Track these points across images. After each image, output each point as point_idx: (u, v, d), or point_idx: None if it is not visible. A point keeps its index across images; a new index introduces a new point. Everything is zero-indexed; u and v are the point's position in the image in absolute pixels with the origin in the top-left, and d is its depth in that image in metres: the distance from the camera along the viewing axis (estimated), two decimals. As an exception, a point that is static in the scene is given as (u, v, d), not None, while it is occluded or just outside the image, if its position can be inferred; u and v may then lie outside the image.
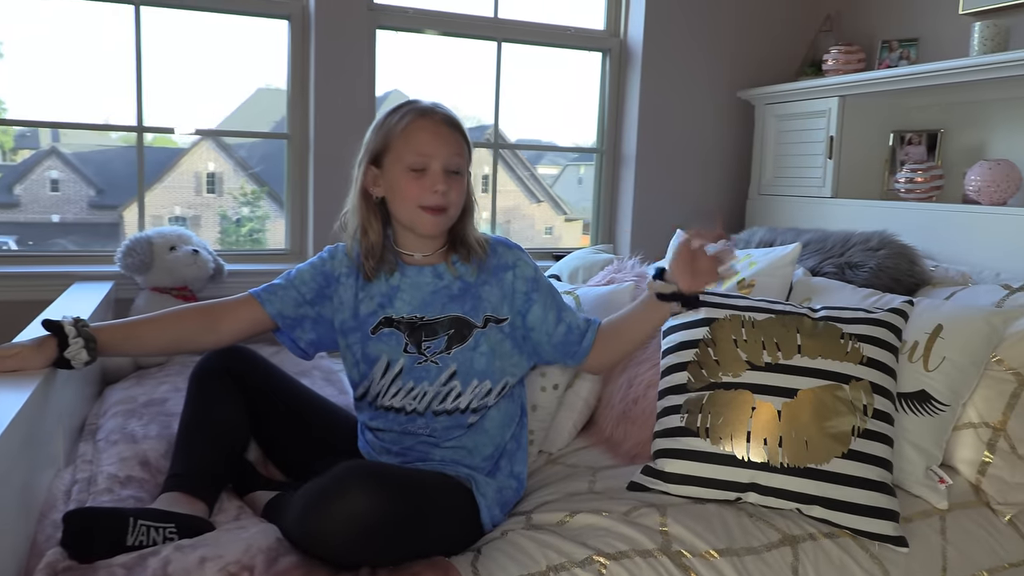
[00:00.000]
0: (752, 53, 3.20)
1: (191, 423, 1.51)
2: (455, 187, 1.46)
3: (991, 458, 1.61)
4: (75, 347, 1.37)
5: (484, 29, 2.98)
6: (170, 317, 1.51)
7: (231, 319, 1.53)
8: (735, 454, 1.45)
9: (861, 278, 1.97)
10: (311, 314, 1.56)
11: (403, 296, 1.51)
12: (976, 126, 2.61)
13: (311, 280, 1.57)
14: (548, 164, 3.38)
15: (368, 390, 1.54)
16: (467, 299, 1.51)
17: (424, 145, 1.44)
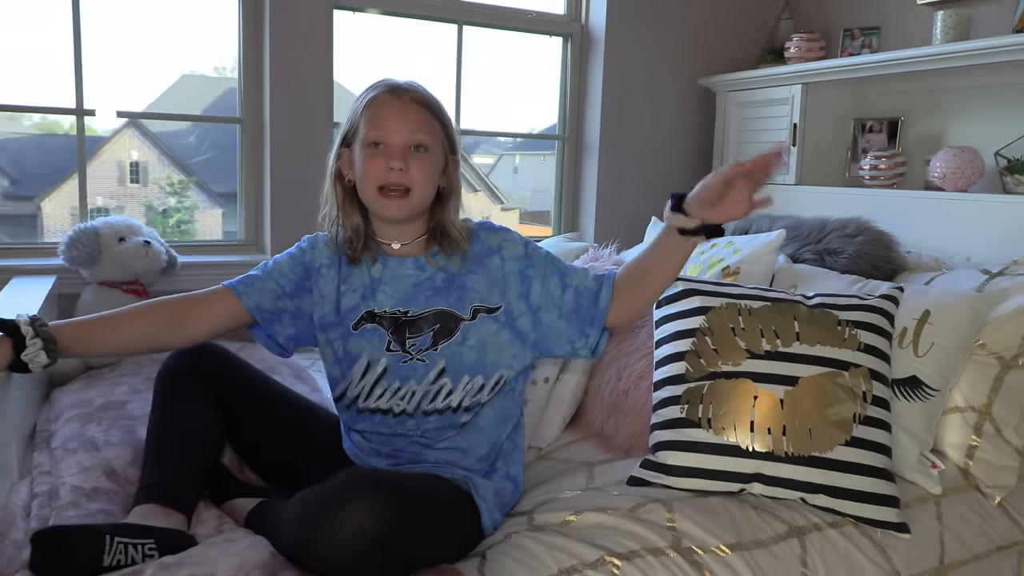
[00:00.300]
0: (712, 40, 3.19)
1: (161, 428, 1.40)
2: (417, 165, 1.35)
3: (978, 441, 1.62)
4: (33, 349, 1.25)
5: (444, 11, 2.89)
6: (136, 313, 1.39)
7: (204, 314, 1.42)
8: (739, 444, 1.41)
9: (841, 264, 1.96)
10: (290, 307, 1.46)
11: (385, 289, 1.42)
12: (935, 114, 2.65)
13: (290, 271, 1.47)
14: (484, 154, 3.31)
15: (346, 391, 1.45)
16: (452, 291, 1.42)
17: (383, 120, 1.35)
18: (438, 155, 1.40)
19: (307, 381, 1.99)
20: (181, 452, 1.37)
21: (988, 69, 2.34)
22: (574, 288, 1.44)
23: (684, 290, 1.61)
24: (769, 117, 2.91)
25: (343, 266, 1.46)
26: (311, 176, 2.57)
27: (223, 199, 2.74)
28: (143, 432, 1.57)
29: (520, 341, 1.44)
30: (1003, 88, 2.42)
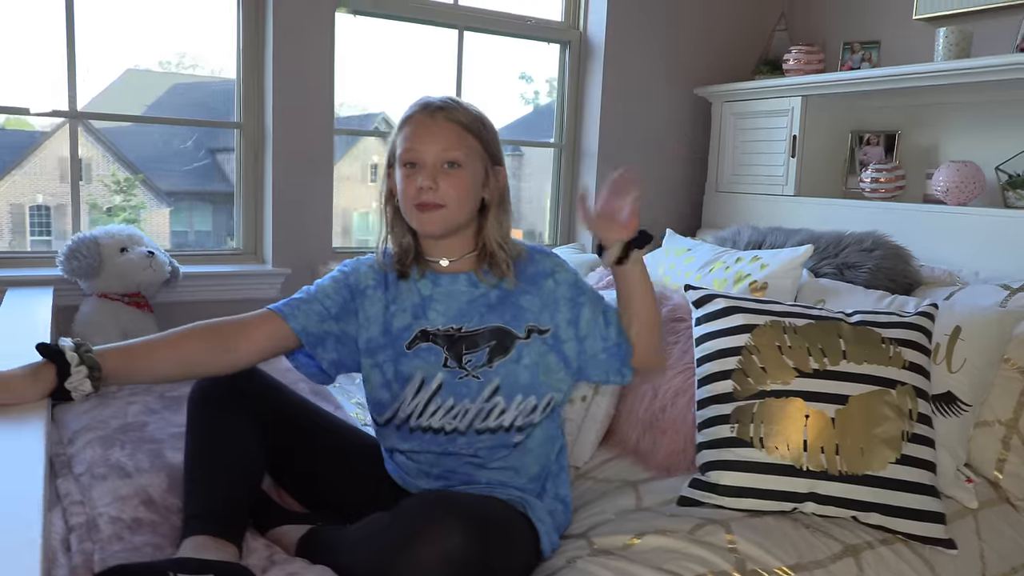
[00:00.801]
0: (708, 50, 3.21)
1: (203, 453, 1.34)
2: (450, 181, 1.33)
3: (1007, 455, 1.66)
4: (78, 376, 1.19)
5: (445, 16, 2.84)
6: (181, 338, 1.33)
7: (250, 338, 1.37)
8: (793, 463, 1.42)
9: (861, 278, 1.99)
10: (335, 331, 1.42)
11: (437, 307, 1.40)
12: (932, 128, 2.71)
13: (334, 294, 1.43)
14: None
15: (397, 412, 1.40)
16: (507, 308, 1.39)
17: (414, 139, 1.34)
18: (474, 169, 1.37)
19: (328, 398, 1.93)
20: (226, 479, 1.31)
21: (987, 85, 2.40)
22: (616, 325, 1.43)
23: (726, 307, 1.61)
24: (767, 128, 2.94)
25: (390, 286, 1.43)
26: (314, 184, 2.53)
27: (171, 198, 2.64)
28: (172, 456, 1.52)
29: (564, 366, 1.42)
30: (1001, 104, 2.48)
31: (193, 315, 2.34)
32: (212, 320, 1.37)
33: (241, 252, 2.58)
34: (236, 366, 1.37)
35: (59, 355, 1.18)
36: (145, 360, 1.29)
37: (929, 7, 2.70)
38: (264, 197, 2.53)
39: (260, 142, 2.53)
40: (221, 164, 2.70)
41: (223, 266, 2.48)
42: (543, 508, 1.35)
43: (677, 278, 2.13)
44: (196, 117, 2.63)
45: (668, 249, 2.28)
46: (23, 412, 1.11)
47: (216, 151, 2.69)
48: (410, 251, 1.42)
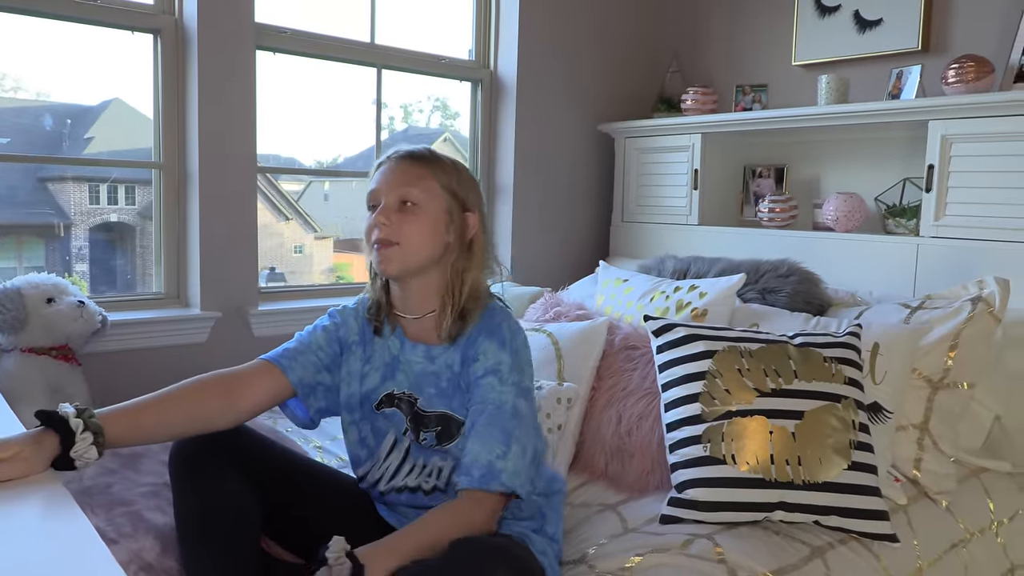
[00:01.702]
0: (609, 89, 3.41)
1: (199, 517, 1.30)
2: (404, 219, 1.34)
3: (922, 455, 1.88)
4: (83, 444, 1.14)
5: (362, 55, 2.87)
6: (186, 396, 1.30)
7: (251, 392, 1.36)
8: (763, 476, 1.55)
9: (781, 302, 2.20)
10: (326, 381, 1.44)
11: (404, 369, 1.43)
12: (814, 162, 3.02)
13: (327, 345, 1.44)
14: (291, 180, 3.24)
15: (369, 472, 1.44)
16: (455, 394, 1.39)
17: (377, 182, 1.39)
18: (432, 209, 1.36)
19: (285, 443, 1.89)
20: (228, 542, 1.28)
21: (864, 127, 2.72)
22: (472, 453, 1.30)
23: (687, 335, 1.74)
24: (669, 162, 3.16)
25: (367, 344, 1.46)
26: (240, 223, 2.47)
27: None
28: (152, 517, 1.46)
29: None
30: (876, 141, 2.81)
31: (123, 365, 2.27)
32: (213, 374, 1.35)
33: (163, 296, 2.47)
34: (239, 421, 1.36)
35: (63, 423, 1.13)
36: (151, 422, 1.25)
37: (806, 54, 3.02)
38: (189, 239, 2.45)
39: (182, 182, 2.45)
40: (55, 195, 2.54)
41: (149, 312, 2.36)
42: (542, 541, 1.41)
43: (619, 307, 2.26)
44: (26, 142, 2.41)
45: (604, 280, 2.41)
46: (28, 486, 1.05)
47: (46, 180, 2.53)
48: (382, 307, 1.44)
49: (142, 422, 1.24)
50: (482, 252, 1.42)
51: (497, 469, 1.27)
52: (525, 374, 1.38)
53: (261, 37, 2.57)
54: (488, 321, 1.39)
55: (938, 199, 2.41)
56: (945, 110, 2.37)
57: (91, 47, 2.39)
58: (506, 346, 1.36)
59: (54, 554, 0.87)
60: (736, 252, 2.69)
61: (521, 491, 1.28)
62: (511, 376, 1.35)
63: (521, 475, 1.29)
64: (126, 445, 1.26)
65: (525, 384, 1.37)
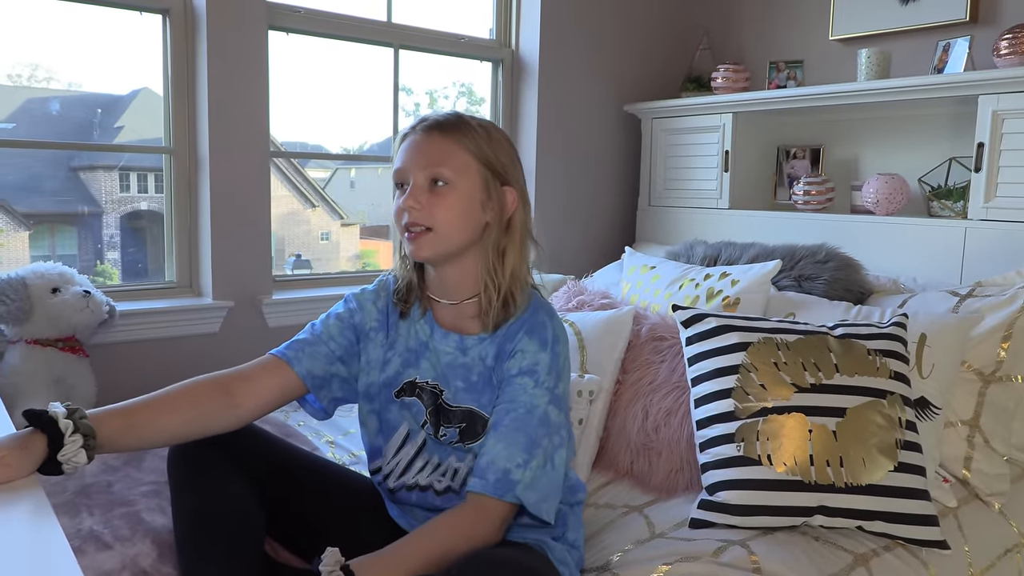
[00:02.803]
0: (635, 68, 3.28)
1: (200, 519, 1.22)
2: (436, 201, 1.22)
3: (972, 453, 1.76)
4: (72, 447, 1.06)
5: (379, 34, 2.77)
6: (183, 396, 1.22)
7: (254, 390, 1.27)
8: (801, 478, 1.44)
9: (818, 289, 2.07)
10: (342, 372, 1.35)
11: (429, 357, 1.33)
12: (853, 142, 2.87)
13: (339, 335, 1.35)
14: (317, 167, 3.16)
15: (381, 466, 1.36)
16: (485, 389, 1.29)
17: (402, 157, 1.26)
18: (467, 188, 1.24)
19: (299, 439, 1.82)
20: (230, 546, 1.20)
21: (906, 103, 2.56)
22: (490, 456, 1.21)
23: (718, 326, 1.63)
24: (698, 144, 3.02)
25: (391, 328, 1.36)
26: (253, 210, 2.39)
27: (30, 221, 2.43)
28: (152, 519, 1.39)
29: None
30: (918, 119, 2.65)
31: (132, 357, 2.20)
32: (214, 374, 1.26)
33: (175, 285, 2.40)
34: (242, 422, 1.27)
35: (52, 424, 1.05)
36: (145, 424, 1.17)
37: (845, 28, 2.86)
38: (200, 227, 2.37)
39: (194, 168, 2.37)
40: (86, 183, 2.50)
41: (159, 301, 2.30)
42: (562, 550, 1.31)
43: (645, 296, 2.15)
44: (56, 131, 2.38)
45: (631, 267, 2.30)
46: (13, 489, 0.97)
47: (78, 170, 2.49)
48: (413, 288, 1.35)
49: (136, 424, 1.17)
50: (522, 230, 1.30)
51: (513, 479, 1.17)
52: (562, 380, 1.28)
53: (273, 16, 2.48)
54: (532, 316, 1.28)
55: (988, 179, 2.25)
56: (996, 84, 2.21)
57: (119, 37, 2.33)
58: (547, 347, 1.26)
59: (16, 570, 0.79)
60: (769, 237, 2.56)
61: (533, 507, 1.18)
62: (547, 380, 1.24)
63: (537, 489, 1.19)
64: (120, 450, 1.18)
65: (560, 391, 1.27)
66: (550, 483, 1.21)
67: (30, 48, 2.26)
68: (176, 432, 1.21)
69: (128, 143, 2.45)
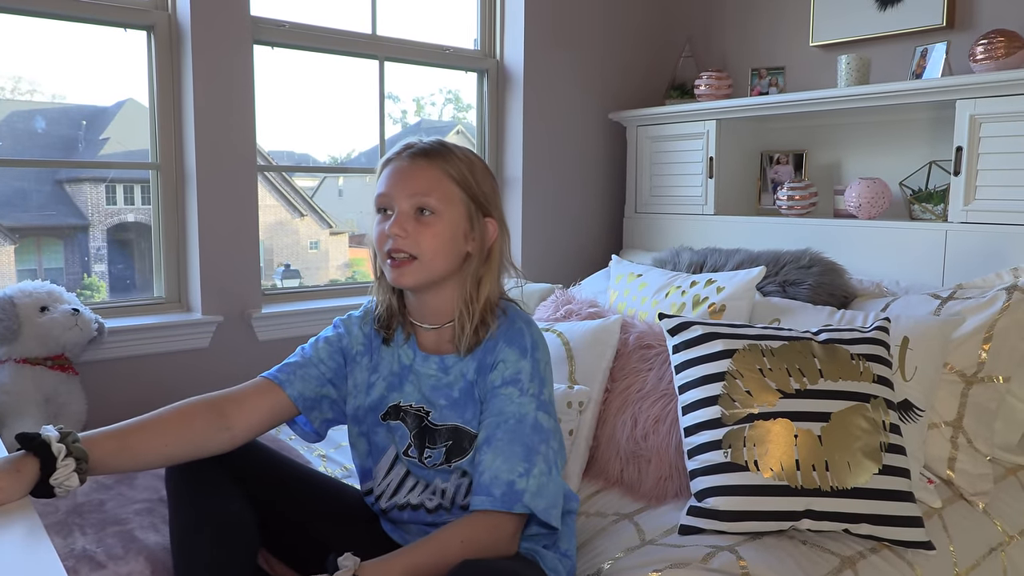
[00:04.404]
0: (619, 76, 3.30)
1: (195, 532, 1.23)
2: (422, 231, 1.24)
3: (956, 454, 1.78)
4: (64, 471, 1.08)
5: (364, 47, 2.79)
6: (176, 419, 1.23)
7: (246, 412, 1.29)
8: (788, 483, 1.46)
9: (803, 294, 2.09)
10: (332, 394, 1.37)
11: (412, 380, 1.34)
12: (835, 147, 2.90)
13: (329, 358, 1.37)
14: (304, 176, 3.18)
15: (373, 487, 1.38)
16: (468, 405, 1.30)
17: (387, 183, 1.27)
18: (452, 218, 1.26)
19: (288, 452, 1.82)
20: (225, 558, 1.21)
21: (886, 108, 2.60)
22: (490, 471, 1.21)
23: (704, 334, 1.65)
24: (683, 151, 3.05)
25: (374, 353, 1.38)
26: (241, 224, 2.40)
27: (15, 234, 2.42)
28: (145, 537, 1.40)
29: None
30: (898, 123, 2.69)
31: (122, 373, 2.20)
32: (206, 396, 1.28)
33: (164, 301, 2.41)
34: (235, 443, 1.28)
35: (45, 447, 1.06)
36: (137, 447, 1.18)
37: (825, 34, 2.90)
38: (188, 242, 2.38)
39: (181, 183, 2.38)
40: (72, 196, 2.50)
41: (148, 317, 2.30)
42: (553, 558, 1.33)
43: (632, 304, 2.17)
44: (41, 144, 2.38)
45: (617, 275, 2.32)
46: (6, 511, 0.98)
47: (64, 182, 2.49)
48: (394, 314, 1.36)
49: (129, 446, 1.18)
50: (500, 259, 1.33)
51: (519, 489, 1.18)
52: (546, 385, 1.29)
53: (258, 31, 2.49)
54: (509, 326, 1.30)
55: (967, 183, 2.29)
56: (973, 89, 2.25)
57: (103, 49, 2.33)
58: (527, 355, 1.27)
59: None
60: (754, 242, 2.59)
61: (542, 514, 1.20)
62: (532, 387, 1.26)
63: (544, 496, 1.20)
64: (112, 471, 1.19)
65: (546, 396, 1.28)
66: (555, 488, 1.23)
67: (12, 61, 2.26)
68: (169, 454, 1.22)
69: (114, 154, 2.46)
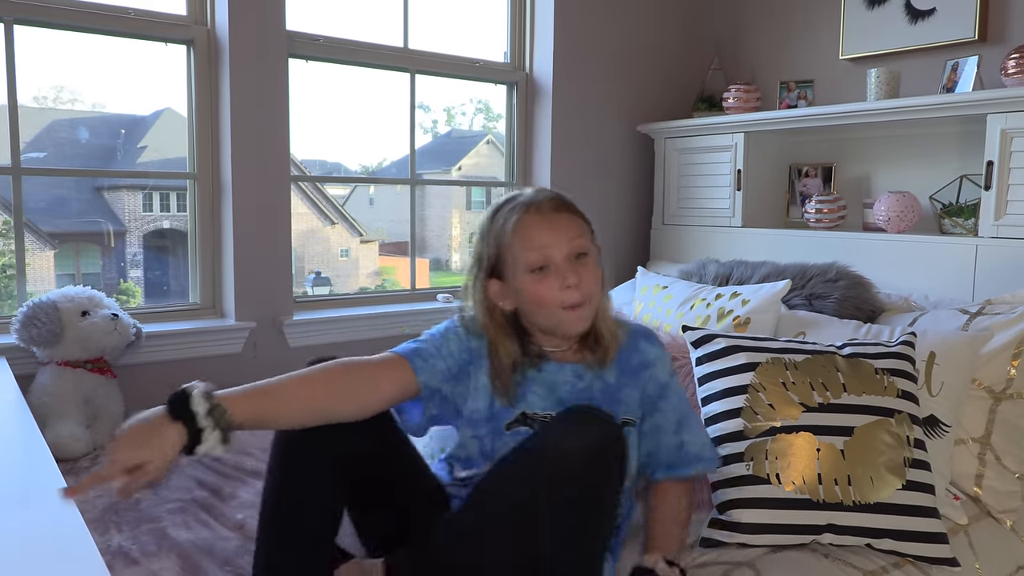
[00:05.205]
0: (648, 89, 3.32)
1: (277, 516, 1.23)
2: (586, 273, 1.31)
3: (983, 471, 1.77)
4: (211, 442, 1.09)
5: (396, 60, 2.84)
6: (317, 383, 1.23)
7: (381, 386, 1.28)
8: (810, 497, 1.47)
9: (829, 308, 2.09)
10: (447, 391, 1.36)
11: (537, 390, 1.36)
12: (864, 160, 2.89)
13: (458, 353, 1.36)
14: (335, 185, 3.22)
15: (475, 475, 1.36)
16: (609, 403, 1.37)
17: (538, 240, 1.29)
18: (594, 255, 1.36)
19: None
20: (302, 531, 1.22)
21: (916, 122, 2.59)
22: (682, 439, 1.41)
23: (728, 347, 1.66)
24: (711, 163, 3.06)
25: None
26: (274, 233, 2.46)
27: (55, 240, 2.49)
28: (178, 534, 1.45)
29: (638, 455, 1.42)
30: (928, 137, 2.67)
31: (158, 376, 2.26)
32: (343, 362, 1.27)
33: (199, 307, 2.47)
34: (363, 415, 1.26)
35: (190, 415, 1.08)
36: (275, 411, 1.19)
37: (855, 48, 2.89)
38: (223, 250, 2.44)
39: (217, 192, 2.45)
40: (110, 203, 2.58)
41: (184, 323, 2.36)
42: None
43: (658, 316, 2.18)
44: (81, 152, 2.45)
45: (643, 287, 2.33)
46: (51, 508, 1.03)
47: (102, 190, 2.57)
48: (517, 363, 1.36)
49: (267, 410, 1.18)
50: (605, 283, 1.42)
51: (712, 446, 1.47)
52: None
53: (293, 45, 2.55)
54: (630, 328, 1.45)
55: (998, 197, 2.27)
56: (1004, 103, 2.24)
57: (143, 60, 2.41)
58: (658, 342, 1.46)
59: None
60: (782, 255, 2.59)
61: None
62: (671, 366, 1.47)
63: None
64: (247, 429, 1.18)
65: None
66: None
67: (55, 71, 2.34)
68: (300, 418, 1.21)
69: (151, 162, 2.53)
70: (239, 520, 1.51)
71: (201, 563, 1.34)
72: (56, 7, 2.17)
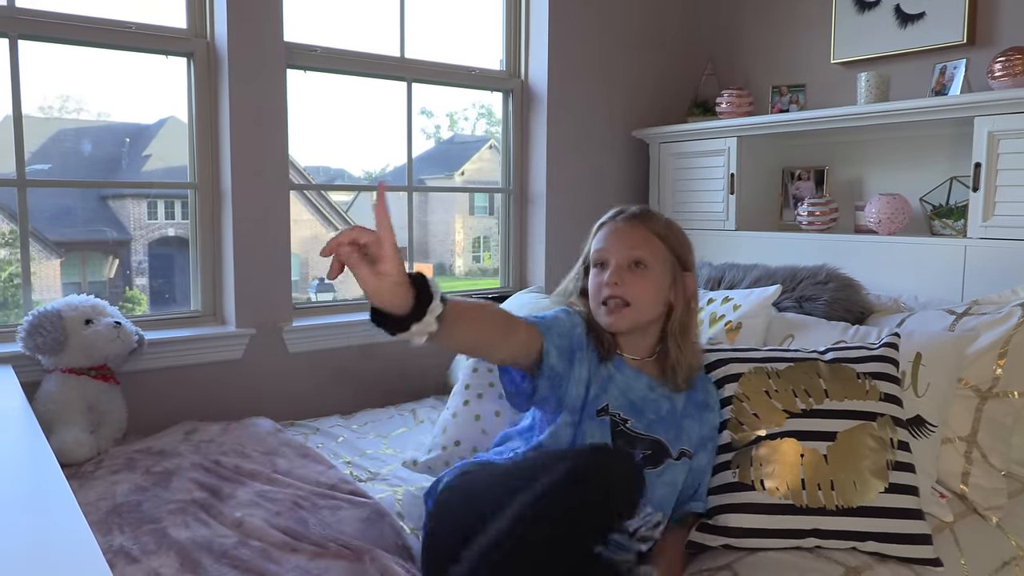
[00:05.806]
0: (643, 94, 3.36)
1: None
2: (635, 281, 1.46)
3: (970, 468, 1.80)
4: (425, 326, 1.10)
5: (393, 69, 2.88)
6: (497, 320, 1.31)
7: (520, 339, 1.36)
8: (793, 502, 1.50)
9: (819, 310, 2.12)
10: (560, 370, 1.41)
11: (614, 389, 1.47)
12: (856, 163, 2.92)
13: (570, 333, 1.46)
14: (338, 191, 3.25)
15: None
16: (671, 426, 1.50)
17: (605, 241, 1.51)
18: (659, 271, 1.50)
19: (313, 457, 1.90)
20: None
21: (907, 125, 2.62)
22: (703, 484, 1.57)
23: (717, 360, 1.69)
24: (705, 167, 3.10)
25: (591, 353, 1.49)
26: (274, 241, 2.50)
27: (61, 248, 2.52)
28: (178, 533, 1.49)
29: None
30: (918, 139, 2.71)
31: (161, 383, 2.31)
32: (501, 307, 1.40)
33: (200, 314, 2.52)
34: (500, 360, 1.39)
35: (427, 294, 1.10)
36: (463, 325, 1.21)
37: (846, 52, 2.92)
38: (223, 257, 2.49)
39: (217, 202, 2.49)
40: (115, 211, 2.62)
41: (185, 330, 2.41)
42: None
43: (649, 319, 2.21)
44: (86, 161, 2.49)
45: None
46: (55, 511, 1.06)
47: (107, 198, 2.61)
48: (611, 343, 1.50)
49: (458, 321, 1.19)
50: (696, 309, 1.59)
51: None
52: None
53: (292, 56, 2.60)
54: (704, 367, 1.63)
55: (986, 199, 2.30)
56: (991, 105, 2.27)
57: (146, 71, 2.45)
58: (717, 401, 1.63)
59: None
60: (775, 257, 2.62)
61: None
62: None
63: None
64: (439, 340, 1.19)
65: None
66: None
67: (61, 82, 2.39)
68: (473, 341, 1.28)
69: (156, 171, 2.57)
70: (237, 518, 1.55)
71: (199, 558, 1.39)
72: (59, 23, 2.22)
